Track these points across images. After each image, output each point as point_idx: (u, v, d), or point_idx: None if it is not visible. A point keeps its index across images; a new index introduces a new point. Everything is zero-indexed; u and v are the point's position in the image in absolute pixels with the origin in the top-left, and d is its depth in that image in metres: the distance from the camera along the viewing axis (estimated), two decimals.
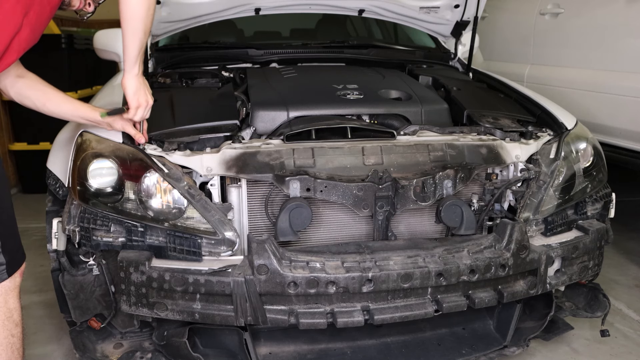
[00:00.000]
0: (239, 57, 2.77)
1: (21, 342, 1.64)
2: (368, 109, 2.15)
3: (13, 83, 1.71)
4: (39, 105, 1.74)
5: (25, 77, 1.73)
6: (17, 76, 1.71)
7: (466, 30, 2.96)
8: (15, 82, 1.71)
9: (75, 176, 1.79)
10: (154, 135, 1.89)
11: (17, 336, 1.62)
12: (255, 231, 1.90)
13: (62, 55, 4.33)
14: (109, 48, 2.72)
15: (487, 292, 1.83)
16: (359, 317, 1.70)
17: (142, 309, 1.72)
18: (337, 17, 3.39)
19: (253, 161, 1.81)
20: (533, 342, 2.20)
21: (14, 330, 1.61)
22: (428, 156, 1.92)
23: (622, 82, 2.98)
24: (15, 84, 1.71)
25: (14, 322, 1.61)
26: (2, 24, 1.46)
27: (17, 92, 1.72)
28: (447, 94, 2.43)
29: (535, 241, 1.94)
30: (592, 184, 2.13)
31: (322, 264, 1.69)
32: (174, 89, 2.33)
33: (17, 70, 1.71)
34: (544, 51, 3.70)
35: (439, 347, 2.01)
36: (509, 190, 2.04)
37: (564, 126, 2.18)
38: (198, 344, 1.89)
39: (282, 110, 2.07)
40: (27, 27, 1.52)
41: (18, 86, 1.71)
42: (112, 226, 1.76)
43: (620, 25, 3.04)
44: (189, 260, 1.74)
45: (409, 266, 1.71)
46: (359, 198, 1.81)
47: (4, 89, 1.72)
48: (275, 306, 1.70)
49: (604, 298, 2.18)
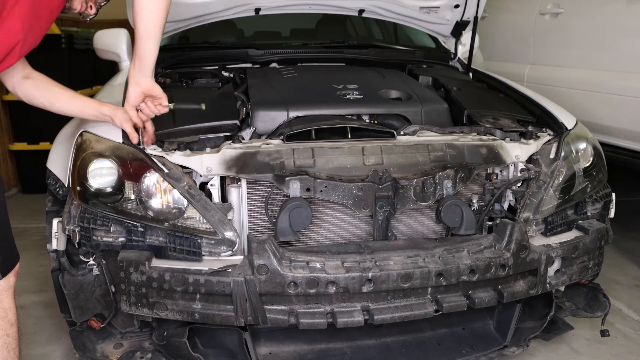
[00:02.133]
0: (239, 57, 2.77)
1: (17, 341, 1.65)
2: (368, 109, 2.15)
3: (20, 83, 1.73)
4: (47, 104, 1.76)
5: (32, 78, 1.74)
6: (23, 77, 1.73)
7: (466, 30, 2.96)
8: (22, 82, 1.73)
9: (75, 176, 1.79)
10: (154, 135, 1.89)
11: (13, 336, 1.63)
12: (255, 231, 1.90)
13: (62, 55, 4.33)
14: (109, 48, 2.72)
15: (487, 292, 1.83)
16: (359, 317, 1.70)
17: (142, 309, 1.72)
18: (337, 17, 3.39)
19: (253, 161, 1.81)
20: (533, 342, 2.19)
21: (9, 330, 1.61)
22: (428, 156, 1.92)
23: (622, 82, 2.98)
24: (22, 84, 1.73)
25: (9, 322, 1.62)
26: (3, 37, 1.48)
27: (24, 93, 1.74)
28: (447, 94, 2.43)
29: (535, 241, 1.94)
30: (592, 184, 2.13)
31: (322, 264, 1.69)
32: (174, 89, 2.33)
33: (23, 71, 1.72)
34: (544, 51, 3.70)
35: (439, 347, 2.01)
36: (509, 190, 2.04)
37: (564, 126, 2.18)
38: (198, 344, 1.89)
39: (282, 110, 2.07)
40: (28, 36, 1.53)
41: (25, 87, 1.73)
42: (112, 226, 1.76)
43: (620, 25, 3.04)
44: (189, 260, 1.74)
45: (409, 266, 1.71)
46: (359, 198, 1.81)
47: (11, 89, 1.74)
48: (275, 306, 1.70)
49: (604, 298, 2.18)
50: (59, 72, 4.29)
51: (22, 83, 1.72)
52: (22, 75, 1.72)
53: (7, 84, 1.73)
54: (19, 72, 1.71)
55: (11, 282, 1.61)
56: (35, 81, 1.74)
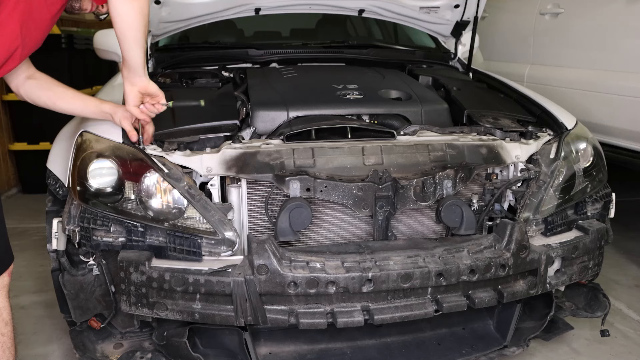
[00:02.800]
0: (239, 57, 2.77)
1: (12, 340, 1.65)
2: (368, 109, 2.15)
3: (23, 83, 1.74)
4: (50, 104, 1.77)
5: (35, 78, 1.75)
6: (27, 77, 1.74)
7: (466, 30, 2.96)
8: (25, 82, 1.74)
9: (75, 176, 1.79)
10: (154, 135, 1.89)
11: (8, 335, 1.63)
12: (255, 231, 1.90)
13: (62, 55, 4.33)
14: (109, 48, 2.71)
15: (487, 292, 1.83)
16: (359, 317, 1.70)
17: (142, 309, 1.72)
18: (337, 17, 3.39)
19: (253, 161, 1.81)
20: (533, 342, 2.20)
21: (4, 329, 1.62)
22: (428, 156, 1.92)
23: (622, 82, 2.98)
24: (26, 84, 1.74)
25: (4, 321, 1.62)
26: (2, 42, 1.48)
27: (27, 93, 1.76)
28: (447, 94, 2.43)
29: (535, 241, 1.94)
30: (592, 184, 2.13)
31: (322, 264, 1.69)
32: (174, 89, 2.33)
33: (27, 72, 1.74)
34: (544, 51, 3.70)
35: (439, 347, 2.01)
36: (509, 190, 2.04)
37: (564, 126, 2.18)
38: (198, 344, 1.89)
39: (282, 110, 2.07)
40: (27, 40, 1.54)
41: (28, 87, 1.74)
42: (112, 226, 1.76)
43: (620, 25, 3.03)
44: (189, 260, 1.74)
45: (409, 266, 1.71)
46: (359, 198, 1.81)
47: (15, 89, 1.75)
48: (275, 306, 1.70)
49: (604, 298, 2.18)
50: (59, 72, 4.26)
51: (26, 83, 1.74)
52: (26, 75, 1.73)
53: (11, 84, 1.74)
54: (23, 73, 1.72)
55: (5, 281, 1.63)
56: (39, 81, 1.76)
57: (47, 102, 1.77)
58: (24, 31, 1.51)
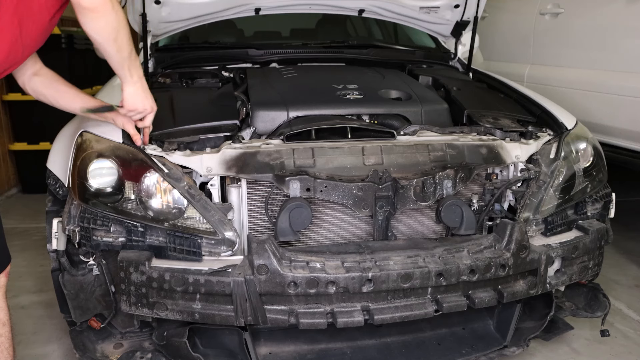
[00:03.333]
0: (239, 57, 2.77)
1: (10, 341, 1.65)
2: (368, 109, 2.15)
3: (29, 80, 1.75)
4: (53, 102, 1.79)
5: (40, 75, 1.76)
6: (33, 74, 1.75)
7: (466, 30, 2.96)
8: (31, 79, 1.75)
9: (75, 176, 1.79)
10: (154, 135, 1.89)
11: (5, 335, 1.63)
12: (255, 231, 1.90)
13: (62, 55, 4.32)
14: None
15: (487, 292, 1.83)
16: (359, 317, 1.70)
17: (142, 309, 1.72)
18: (337, 17, 3.39)
19: (253, 161, 1.81)
20: (533, 342, 2.19)
21: (1, 330, 1.62)
22: (428, 156, 1.92)
23: (622, 82, 2.98)
24: (31, 81, 1.75)
25: (1, 321, 1.63)
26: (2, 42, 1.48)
27: (32, 89, 1.77)
28: (447, 94, 2.43)
29: (535, 241, 1.94)
30: (592, 184, 2.13)
31: (322, 264, 1.69)
32: (174, 89, 2.33)
33: (32, 68, 1.74)
34: (544, 51, 3.70)
35: (439, 347, 2.01)
36: (509, 190, 2.04)
37: (564, 126, 2.18)
38: (198, 344, 1.89)
39: (282, 110, 2.07)
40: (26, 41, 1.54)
41: (34, 83, 1.76)
42: (112, 226, 1.76)
43: (620, 25, 3.03)
44: (189, 260, 1.74)
45: (409, 266, 1.71)
46: (359, 198, 1.81)
47: (22, 85, 1.77)
48: (275, 306, 1.70)
49: (604, 298, 2.18)
50: (59, 72, 4.23)
51: (32, 80, 1.75)
52: (32, 72, 1.74)
53: (18, 80, 1.76)
54: (29, 69, 1.73)
55: (2, 282, 1.63)
56: (43, 78, 1.76)
57: (50, 100, 1.78)
58: (24, 31, 1.51)
